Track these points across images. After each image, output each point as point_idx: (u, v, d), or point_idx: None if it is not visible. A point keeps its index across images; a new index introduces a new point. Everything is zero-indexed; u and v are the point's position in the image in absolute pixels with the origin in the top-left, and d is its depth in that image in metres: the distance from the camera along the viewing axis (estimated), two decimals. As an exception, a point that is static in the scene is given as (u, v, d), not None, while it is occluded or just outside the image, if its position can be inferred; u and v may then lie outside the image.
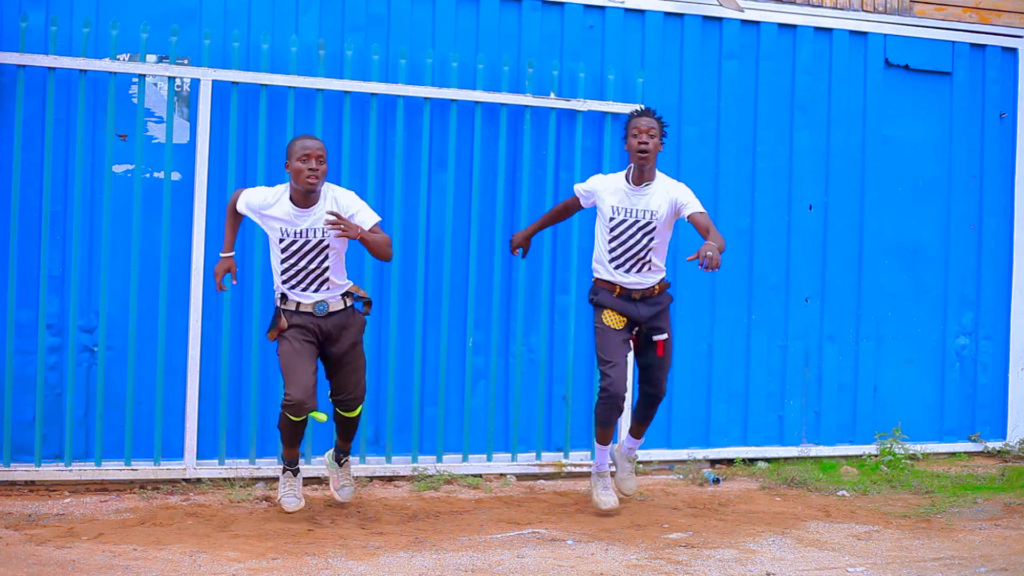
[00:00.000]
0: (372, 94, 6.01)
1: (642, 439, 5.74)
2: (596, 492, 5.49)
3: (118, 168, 5.73)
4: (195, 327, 5.70)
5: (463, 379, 6.24)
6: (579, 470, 6.31)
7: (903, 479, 6.45)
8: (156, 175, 5.78)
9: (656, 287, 5.44)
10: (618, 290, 5.40)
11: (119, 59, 5.68)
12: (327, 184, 5.07)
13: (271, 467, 5.83)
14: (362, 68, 6.06)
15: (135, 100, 5.73)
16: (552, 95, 6.32)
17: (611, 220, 5.39)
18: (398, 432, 6.13)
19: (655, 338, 5.45)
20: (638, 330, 5.47)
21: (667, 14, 6.63)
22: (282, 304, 5.05)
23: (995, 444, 7.30)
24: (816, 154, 6.96)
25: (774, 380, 6.88)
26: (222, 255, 5.14)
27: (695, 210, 5.26)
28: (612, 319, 5.43)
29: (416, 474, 6.03)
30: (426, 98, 6.09)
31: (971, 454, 7.26)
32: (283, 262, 4.99)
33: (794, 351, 6.92)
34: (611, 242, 5.40)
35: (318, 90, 5.91)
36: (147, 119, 5.76)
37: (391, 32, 6.15)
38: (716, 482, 6.31)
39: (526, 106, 6.27)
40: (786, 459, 6.81)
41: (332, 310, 5.05)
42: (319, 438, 5.88)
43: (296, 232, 4.94)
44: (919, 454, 6.98)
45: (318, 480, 5.87)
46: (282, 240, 4.96)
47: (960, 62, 7.24)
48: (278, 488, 5.23)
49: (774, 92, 6.87)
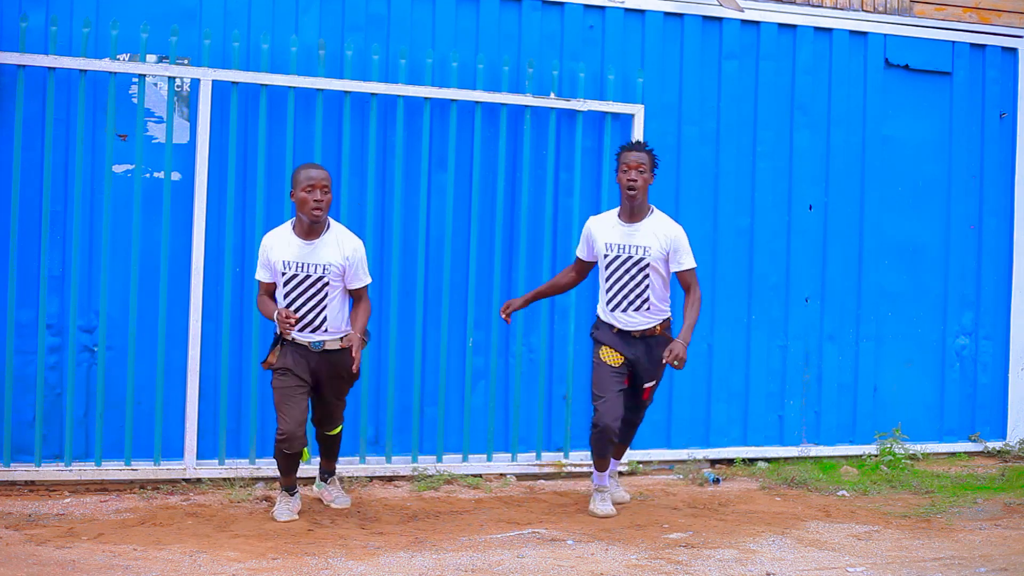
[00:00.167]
0: (372, 94, 6.01)
1: (621, 458, 5.82)
2: (594, 502, 5.51)
3: (118, 168, 5.73)
4: (195, 327, 5.70)
5: (463, 379, 6.24)
6: (579, 470, 6.31)
7: (903, 479, 6.45)
8: (156, 175, 5.78)
9: (658, 327, 5.37)
10: (616, 329, 5.37)
11: (119, 59, 5.68)
12: (333, 222, 5.10)
13: (271, 467, 5.83)
14: (362, 68, 6.06)
15: (135, 100, 5.73)
16: (552, 95, 6.31)
17: (605, 257, 5.36)
18: (398, 432, 6.13)
19: (645, 385, 5.46)
20: (633, 370, 5.42)
21: (667, 14, 6.63)
22: (282, 335, 5.05)
23: (995, 444, 7.30)
24: (816, 154, 6.96)
25: (774, 380, 6.88)
26: (276, 311, 4.92)
27: (685, 267, 5.32)
28: (609, 356, 5.39)
29: (416, 474, 6.03)
30: (426, 98, 6.09)
31: (971, 454, 7.26)
32: (285, 296, 5.01)
33: (794, 351, 6.92)
34: (607, 280, 5.37)
35: (318, 90, 5.91)
36: (147, 119, 5.76)
37: (391, 32, 6.15)
38: (716, 482, 6.31)
39: (526, 106, 6.27)
40: (786, 459, 6.81)
41: (328, 348, 5.05)
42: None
43: (299, 265, 4.96)
44: (919, 454, 6.98)
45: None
46: (284, 273, 4.97)
47: (960, 62, 7.24)
48: (276, 499, 5.29)
49: (774, 92, 6.87)
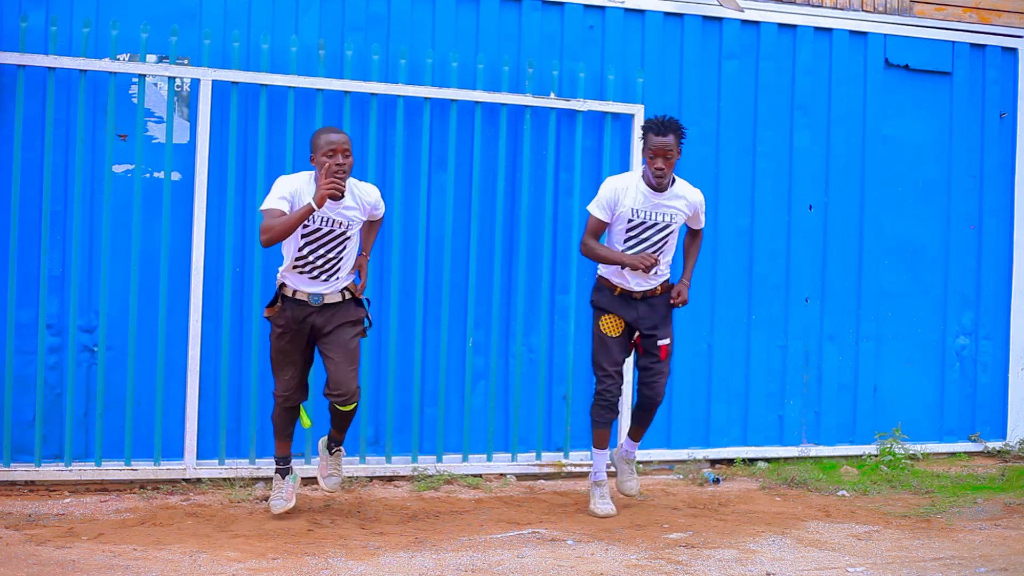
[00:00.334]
0: (372, 94, 6.01)
1: (640, 441, 5.72)
2: (594, 500, 5.49)
3: (118, 168, 5.73)
4: (195, 327, 5.70)
5: (463, 379, 6.24)
6: (579, 470, 6.31)
7: (903, 479, 6.45)
8: (156, 175, 5.78)
9: (659, 288, 5.43)
10: (618, 290, 5.40)
11: (119, 59, 5.68)
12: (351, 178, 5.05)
13: (271, 467, 5.82)
14: (362, 68, 6.06)
15: (135, 100, 5.73)
16: (552, 95, 6.31)
17: (630, 222, 5.33)
18: (398, 432, 6.13)
19: (659, 343, 5.43)
20: (639, 333, 5.45)
21: (667, 14, 6.63)
22: (281, 290, 5.06)
23: (995, 444, 7.30)
24: (816, 154, 6.96)
25: (774, 380, 6.88)
26: (315, 199, 4.77)
27: (701, 226, 5.58)
28: (609, 325, 5.41)
29: (416, 474, 6.03)
30: (426, 98, 6.09)
31: (971, 454, 7.26)
32: (301, 248, 4.94)
33: (794, 351, 6.91)
34: (627, 242, 5.35)
35: (318, 90, 5.91)
36: (147, 119, 5.76)
37: (391, 32, 6.15)
38: (716, 482, 6.31)
39: (526, 106, 6.27)
40: (786, 459, 6.81)
41: (327, 302, 5.03)
42: (319, 439, 5.86)
43: (322, 220, 4.91)
44: (919, 454, 6.98)
45: (317, 481, 5.86)
46: (306, 226, 4.90)
47: (960, 62, 7.24)
48: (272, 489, 5.30)
49: (774, 92, 6.87)
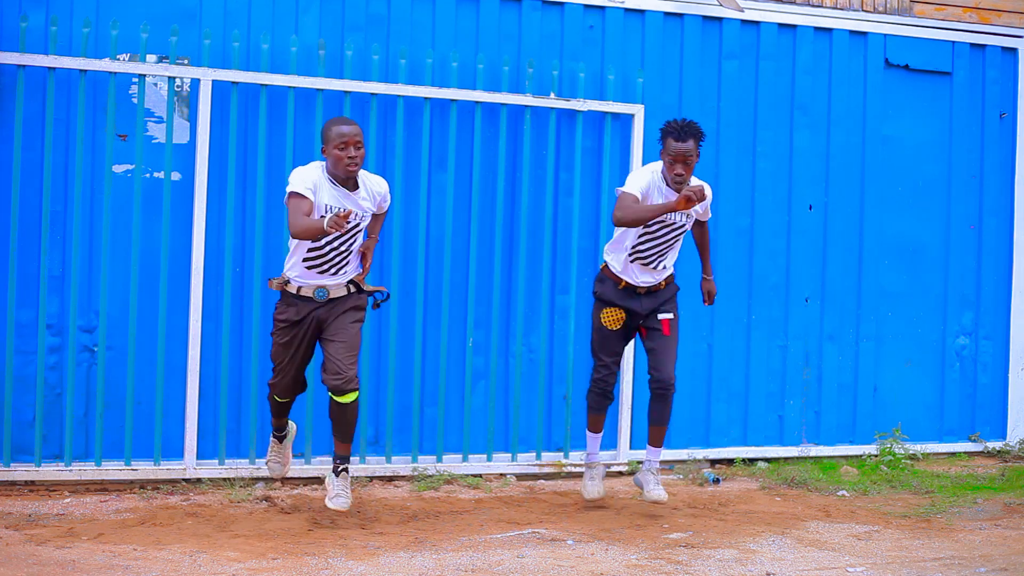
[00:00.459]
0: (372, 94, 6.01)
1: (662, 446, 5.51)
2: (583, 481, 5.62)
3: (118, 168, 5.73)
4: (195, 327, 5.70)
5: (463, 379, 6.24)
6: (579, 470, 6.30)
7: (903, 479, 6.45)
8: (156, 175, 5.78)
9: (663, 283, 5.43)
10: (623, 283, 5.39)
11: (119, 59, 5.68)
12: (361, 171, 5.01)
13: (271, 467, 5.85)
14: (362, 68, 6.06)
15: (135, 100, 5.73)
16: (552, 95, 6.31)
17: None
18: (398, 432, 6.13)
19: (660, 316, 5.40)
20: (642, 321, 5.44)
21: (667, 14, 6.63)
22: (286, 287, 5.01)
23: (995, 444, 7.30)
24: (816, 154, 6.96)
25: (774, 380, 6.88)
26: (325, 221, 4.65)
27: (708, 218, 5.62)
28: (610, 319, 5.43)
29: (416, 474, 6.03)
30: (426, 98, 6.09)
31: (971, 454, 7.26)
32: (313, 241, 4.87)
33: (794, 351, 6.91)
34: (640, 237, 5.30)
35: (318, 90, 5.91)
36: (147, 119, 5.76)
37: (391, 32, 6.15)
38: (716, 482, 6.31)
39: (526, 106, 6.26)
40: (786, 459, 6.81)
41: (332, 296, 5.00)
42: (319, 438, 5.87)
43: (339, 212, 4.82)
44: (919, 454, 6.98)
45: (318, 480, 5.87)
46: (323, 216, 4.83)
47: (960, 62, 7.23)
48: (268, 451, 5.39)
49: (774, 92, 6.87)
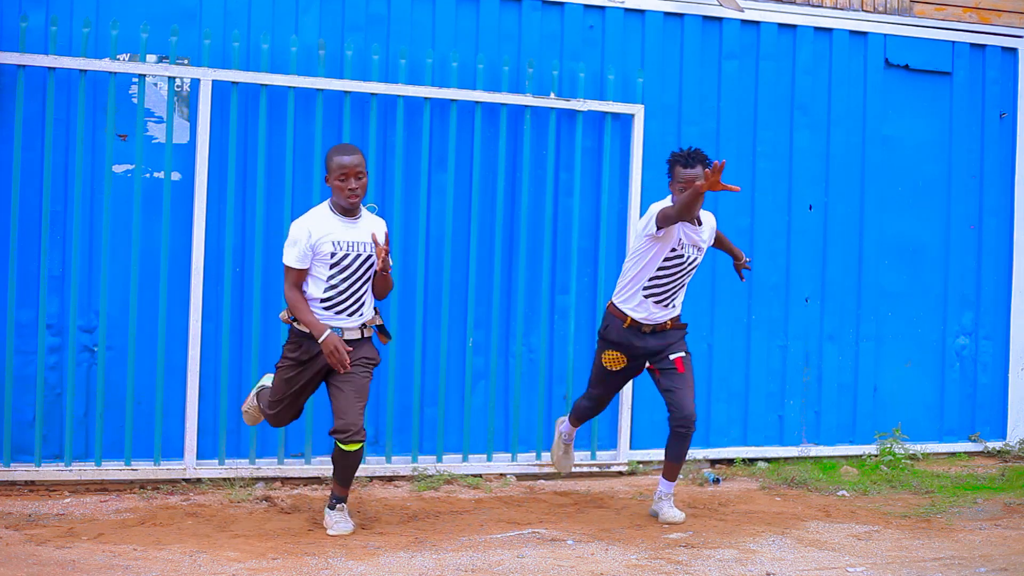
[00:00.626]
0: (372, 94, 6.01)
1: (675, 480, 5.41)
2: (554, 450, 5.87)
3: (118, 168, 5.73)
4: (195, 327, 5.70)
5: (463, 379, 6.24)
6: (579, 470, 6.31)
7: (903, 479, 6.45)
8: (156, 175, 5.78)
9: (669, 323, 5.29)
10: (628, 321, 5.27)
11: (119, 59, 5.68)
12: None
13: (271, 467, 5.84)
14: (362, 68, 6.06)
15: (135, 100, 5.73)
16: (552, 95, 6.31)
17: (672, 251, 5.16)
18: (398, 432, 6.13)
19: (672, 356, 5.26)
20: (650, 363, 5.33)
21: (667, 14, 6.63)
22: (298, 325, 4.90)
23: (995, 444, 7.30)
24: (816, 154, 6.96)
25: (774, 380, 6.88)
26: (325, 335, 4.79)
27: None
28: (612, 360, 5.36)
29: (416, 474, 6.03)
30: (426, 98, 6.09)
31: (971, 454, 7.26)
32: (330, 280, 4.83)
33: (794, 351, 6.92)
34: (659, 270, 5.17)
35: (318, 90, 5.91)
36: (147, 119, 5.76)
37: (391, 32, 6.15)
38: (716, 482, 6.31)
39: (526, 106, 6.27)
40: (786, 459, 6.81)
41: (347, 338, 4.88)
42: (319, 438, 5.87)
43: (349, 244, 4.84)
44: (919, 454, 6.98)
45: (318, 480, 5.87)
46: (334, 255, 4.81)
47: (960, 62, 7.24)
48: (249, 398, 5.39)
49: (774, 92, 6.87)
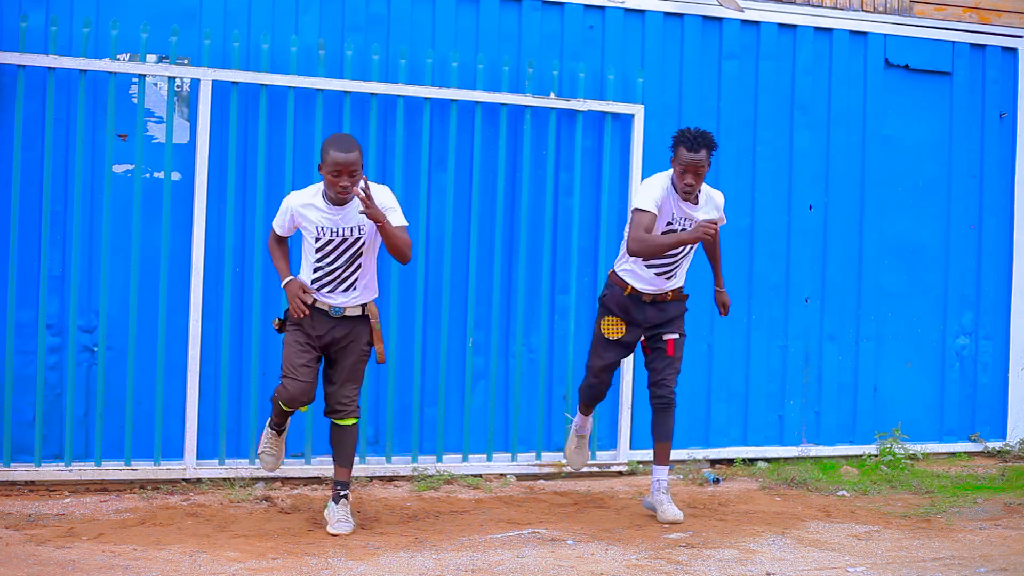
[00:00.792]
0: (372, 94, 6.01)
1: (669, 463, 5.46)
2: (570, 448, 5.78)
3: (118, 168, 5.73)
4: (195, 327, 5.70)
5: (463, 379, 6.24)
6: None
7: (903, 479, 6.45)
8: (156, 175, 5.78)
9: (670, 293, 5.34)
10: (628, 289, 5.30)
11: (119, 59, 5.68)
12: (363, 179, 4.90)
13: (271, 467, 5.85)
14: (362, 68, 6.06)
15: (135, 100, 5.73)
16: (552, 95, 6.32)
17: (668, 225, 5.20)
18: (398, 432, 6.13)
19: (665, 337, 5.34)
20: (645, 337, 5.37)
21: (667, 14, 6.63)
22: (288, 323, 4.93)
23: (995, 444, 7.30)
24: (816, 154, 6.96)
25: (774, 380, 6.88)
26: (286, 281, 4.91)
27: (722, 223, 5.41)
28: (610, 328, 5.35)
29: (416, 474, 6.03)
30: (426, 98, 6.09)
31: (971, 454, 7.26)
32: (317, 261, 4.88)
33: (794, 351, 6.92)
34: None
35: (318, 90, 5.91)
36: (147, 119, 5.76)
37: (391, 32, 6.15)
38: (716, 482, 6.31)
39: (526, 106, 6.27)
40: (786, 459, 6.81)
41: (348, 314, 4.92)
42: (319, 439, 5.87)
43: (333, 231, 4.84)
44: (919, 454, 6.98)
45: (318, 480, 5.87)
46: (318, 239, 4.84)
47: (960, 62, 7.24)
48: (262, 441, 5.20)
49: (774, 92, 6.87)
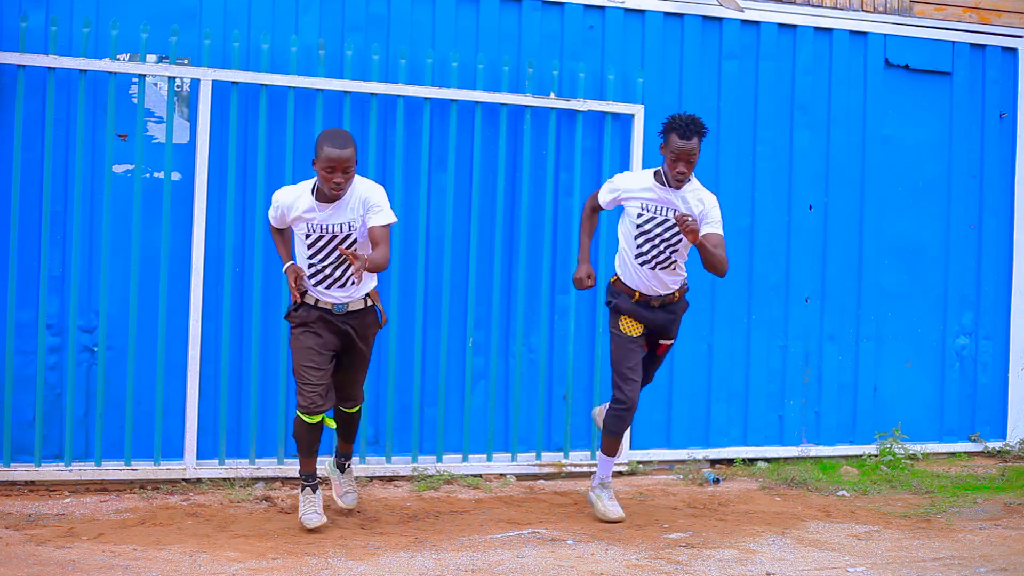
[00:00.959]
0: (372, 94, 6.01)
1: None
2: (602, 503, 5.36)
3: (118, 168, 5.73)
4: (195, 327, 5.70)
5: (463, 379, 6.24)
6: (579, 470, 6.31)
7: (903, 479, 6.45)
8: (156, 175, 5.78)
9: (676, 293, 5.35)
10: (637, 296, 5.30)
11: (119, 59, 5.68)
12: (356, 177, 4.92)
13: (271, 467, 5.84)
14: (362, 68, 6.06)
15: (135, 100, 5.73)
16: (552, 95, 6.31)
17: (639, 216, 5.25)
18: (398, 432, 6.13)
19: (661, 342, 5.41)
20: (649, 334, 5.39)
21: (667, 14, 6.63)
22: (304, 298, 4.97)
23: (995, 444, 7.30)
24: (816, 154, 6.96)
25: (774, 380, 6.88)
26: (285, 266, 5.01)
27: (712, 231, 5.18)
28: (629, 326, 5.32)
29: (416, 474, 6.03)
30: (426, 98, 6.09)
31: (971, 454, 7.26)
32: (310, 259, 4.91)
33: (794, 351, 6.92)
34: (637, 238, 5.27)
35: (318, 90, 5.91)
36: (147, 119, 5.76)
37: (391, 32, 6.15)
38: (716, 482, 6.31)
39: (526, 106, 6.27)
40: (786, 459, 6.81)
41: (351, 310, 4.97)
42: (322, 438, 5.86)
43: (323, 227, 4.86)
44: (919, 454, 6.98)
45: (319, 480, 5.86)
46: (308, 236, 4.87)
47: (960, 62, 7.24)
48: (299, 503, 5.05)
49: (774, 92, 6.87)
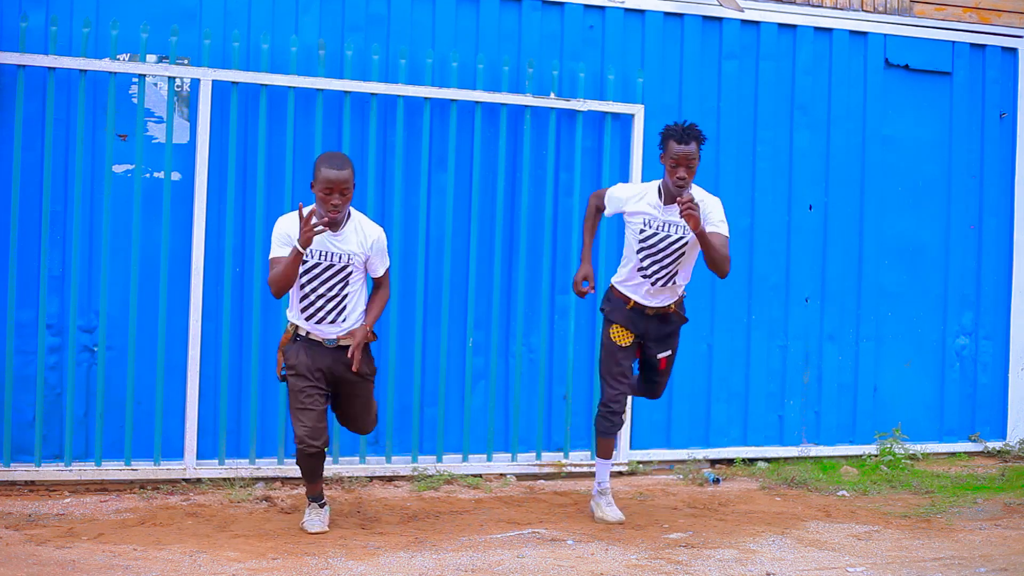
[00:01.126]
0: (372, 94, 6.01)
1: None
2: (601, 509, 5.35)
3: (118, 168, 5.73)
4: (195, 327, 5.70)
5: (463, 379, 6.24)
6: (579, 470, 6.31)
7: (903, 479, 6.45)
8: (156, 175, 5.78)
9: (671, 306, 5.31)
10: (631, 304, 5.29)
11: (119, 59, 5.68)
12: (354, 211, 4.87)
13: (271, 467, 5.84)
14: (362, 68, 6.06)
15: (135, 100, 5.73)
16: (552, 95, 6.32)
17: (641, 232, 5.21)
18: (398, 432, 6.13)
19: (659, 355, 5.37)
20: (644, 345, 5.36)
21: (667, 14, 6.63)
22: (296, 331, 4.88)
23: (995, 444, 7.30)
24: (816, 154, 6.96)
25: (774, 380, 6.88)
26: (297, 245, 4.65)
27: (715, 229, 5.08)
28: (620, 335, 5.31)
29: (416, 474, 6.03)
30: (426, 98, 6.09)
31: (971, 454, 7.26)
32: (303, 287, 4.78)
33: (794, 351, 6.91)
34: (639, 252, 5.22)
35: (318, 90, 5.91)
36: (147, 119, 5.76)
37: (391, 32, 6.15)
38: (716, 482, 6.31)
39: (526, 106, 6.27)
40: (786, 459, 6.81)
41: (342, 344, 4.85)
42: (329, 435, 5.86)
43: (322, 254, 4.75)
44: (919, 454, 6.98)
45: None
46: (306, 261, 4.74)
47: (960, 62, 7.24)
48: (304, 513, 5.05)
49: (774, 92, 6.87)
